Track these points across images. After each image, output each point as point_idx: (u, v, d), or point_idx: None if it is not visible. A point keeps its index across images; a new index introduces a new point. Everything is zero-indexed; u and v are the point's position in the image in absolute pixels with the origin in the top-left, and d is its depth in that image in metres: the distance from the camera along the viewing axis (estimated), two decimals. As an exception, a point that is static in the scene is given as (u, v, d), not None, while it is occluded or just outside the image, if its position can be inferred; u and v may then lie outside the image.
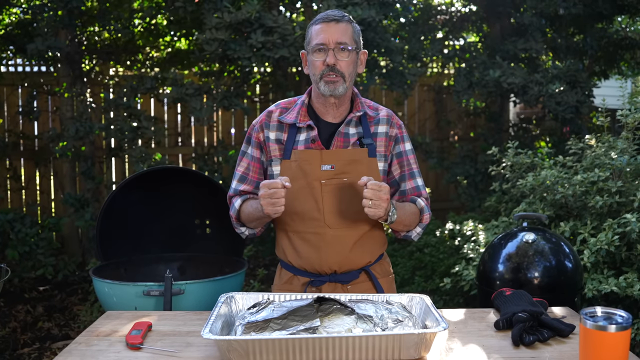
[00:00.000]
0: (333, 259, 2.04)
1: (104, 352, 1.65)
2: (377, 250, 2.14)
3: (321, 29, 2.00)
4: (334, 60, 1.98)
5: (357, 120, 2.08)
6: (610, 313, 1.45)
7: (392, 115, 2.15)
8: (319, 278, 2.07)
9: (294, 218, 2.05)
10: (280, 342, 1.49)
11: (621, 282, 2.78)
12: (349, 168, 2.02)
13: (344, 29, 2.00)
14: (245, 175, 2.14)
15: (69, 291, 5.11)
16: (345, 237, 2.03)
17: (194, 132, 6.33)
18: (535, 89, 4.88)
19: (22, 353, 3.94)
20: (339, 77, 1.99)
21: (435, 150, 5.72)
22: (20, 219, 5.17)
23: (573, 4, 5.24)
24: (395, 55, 4.95)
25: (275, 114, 2.11)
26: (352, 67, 2.03)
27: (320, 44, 1.99)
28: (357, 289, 2.07)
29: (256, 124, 2.13)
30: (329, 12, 2.03)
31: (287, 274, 2.14)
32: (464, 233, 3.92)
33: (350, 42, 2.00)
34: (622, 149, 3.27)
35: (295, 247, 2.07)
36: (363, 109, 2.08)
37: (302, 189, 2.02)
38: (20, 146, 5.95)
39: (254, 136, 2.12)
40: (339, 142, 2.05)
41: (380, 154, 2.09)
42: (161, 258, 2.99)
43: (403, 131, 2.16)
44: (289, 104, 2.13)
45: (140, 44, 5.90)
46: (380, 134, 2.10)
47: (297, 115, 2.07)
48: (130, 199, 2.92)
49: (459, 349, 1.66)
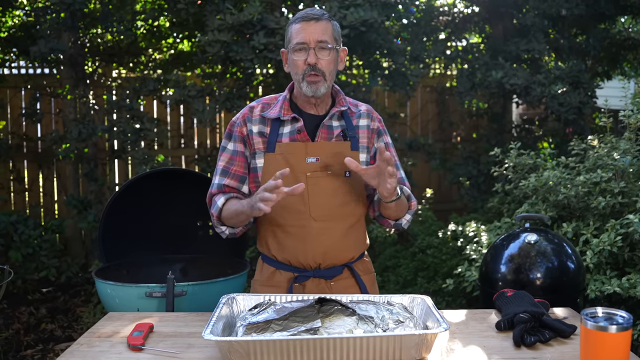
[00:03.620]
0: (318, 251, 2.03)
1: (106, 353, 1.65)
2: (360, 246, 2.16)
3: (301, 28, 2.00)
4: (315, 60, 1.98)
5: (339, 114, 2.11)
6: (611, 313, 1.45)
7: (371, 109, 2.20)
8: (303, 273, 2.06)
9: (278, 211, 2.02)
10: (282, 343, 1.49)
11: (624, 282, 2.77)
12: (333, 160, 2.04)
13: (324, 27, 2.00)
14: (227, 169, 2.10)
15: (72, 293, 5.12)
16: (330, 229, 2.04)
17: (197, 134, 6.34)
18: (537, 89, 4.88)
19: (26, 354, 3.95)
20: (320, 77, 2.00)
21: (437, 151, 5.71)
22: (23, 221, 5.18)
23: (575, 5, 5.24)
24: (397, 57, 4.95)
25: (257, 109, 2.11)
26: (333, 65, 2.04)
27: (300, 43, 1.99)
28: (340, 285, 2.08)
29: (237, 119, 2.11)
30: (308, 11, 2.03)
31: (269, 269, 2.12)
32: (467, 234, 3.92)
33: (330, 40, 2.01)
34: (625, 150, 3.26)
35: (280, 240, 2.07)
36: (346, 104, 2.12)
37: (286, 182, 1.97)
38: (23, 148, 5.96)
39: (236, 130, 2.10)
40: (323, 134, 2.06)
41: (363, 146, 2.12)
42: (163, 260, 2.99)
43: (383, 125, 2.21)
44: (271, 100, 2.15)
45: (143, 45, 5.92)
46: (362, 127, 2.13)
47: (280, 109, 2.07)
48: (133, 201, 2.92)
49: (460, 350, 1.65)
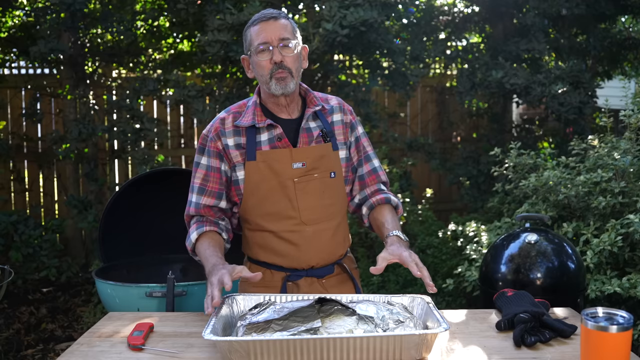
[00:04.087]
0: (311, 254, 2.04)
1: (106, 353, 1.65)
2: (347, 242, 2.18)
3: (261, 29, 1.97)
4: (281, 57, 1.95)
5: (313, 114, 2.09)
6: (611, 313, 1.45)
7: (342, 102, 2.18)
8: (295, 273, 2.06)
9: (267, 219, 2.02)
10: (282, 343, 1.49)
11: (624, 283, 2.77)
12: (318, 164, 2.03)
13: (283, 25, 1.98)
14: (203, 186, 2.06)
15: (72, 293, 5.12)
16: (321, 231, 2.04)
17: (197, 134, 6.34)
18: (538, 89, 4.87)
19: (26, 354, 3.95)
20: (287, 74, 1.97)
21: (437, 151, 5.71)
22: (23, 221, 5.19)
23: (576, 4, 5.23)
24: (397, 57, 4.94)
25: (228, 120, 2.05)
26: (298, 62, 2.01)
27: (263, 43, 1.96)
28: (332, 281, 2.10)
29: (209, 133, 2.05)
30: (264, 12, 2.01)
31: (258, 268, 2.08)
32: (467, 234, 3.91)
33: (292, 37, 1.98)
34: (625, 150, 3.26)
35: (272, 246, 2.05)
36: (319, 103, 2.08)
37: (273, 189, 1.99)
38: (23, 148, 5.97)
39: (211, 145, 2.05)
40: (304, 138, 2.04)
41: (341, 142, 2.12)
42: (164, 259, 2.99)
43: (354, 116, 2.20)
44: (240, 107, 2.09)
45: (143, 46, 5.91)
46: (336, 123, 2.12)
47: (253, 116, 2.03)
48: (133, 201, 2.92)
49: (460, 350, 1.65)
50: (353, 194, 2.20)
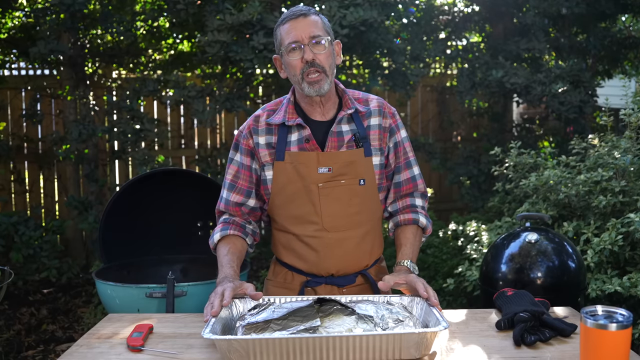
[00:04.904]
0: (332, 262, 2.00)
1: (105, 354, 1.65)
2: (375, 252, 2.10)
3: (291, 27, 1.91)
4: (312, 56, 1.89)
5: (348, 117, 2.01)
6: (611, 312, 1.44)
7: (383, 104, 2.07)
8: (315, 279, 2.04)
9: (291, 221, 2.00)
10: (281, 342, 1.49)
11: (625, 282, 2.76)
12: (346, 170, 1.96)
13: (313, 22, 1.92)
14: (233, 183, 2.06)
15: (73, 293, 5.12)
16: (344, 240, 1.99)
17: (197, 134, 6.34)
18: (538, 88, 4.87)
19: (27, 355, 3.95)
20: (321, 74, 1.91)
21: (438, 150, 5.70)
22: (24, 222, 5.19)
23: (576, 4, 5.23)
24: (397, 56, 4.94)
25: (262, 117, 2.03)
26: (331, 59, 1.94)
27: (293, 42, 1.90)
28: (353, 292, 2.03)
29: (244, 129, 2.04)
30: (293, 9, 1.96)
31: (281, 270, 2.10)
32: (467, 233, 3.91)
33: (323, 33, 1.92)
34: (626, 149, 3.26)
35: (294, 248, 2.03)
36: (353, 105, 2.00)
37: (298, 192, 1.96)
38: (24, 149, 5.97)
39: (243, 143, 2.04)
40: (334, 142, 1.97)
41: (375, 148, 2.01)
42: (164, 260, 3.00)
43: (397, 119, 2.09)
44: (276, 105, 2.07)
45: (143, 46, 5.92)
46: (373, 127, 2.02)
47: (285, 114, 1.98)
48: (133, 202, 2.92)
49: (460, 349, 1.65)
50: (388, 202, 2.11)
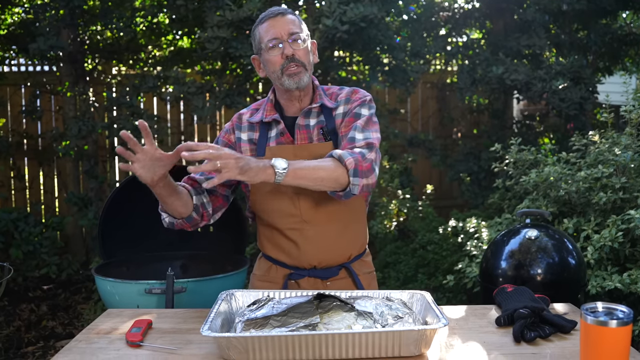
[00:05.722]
0: (313, 254, 2.03)
1: (104, 349, 1.64)
2: (358, 244, 2.12)
3: (270, 25, 1.96)
4: (292, 51, 1.94)
5: (318, 110, 2.04)
6: (611, 308, 1.44)
7: (352, 91, 2.06)
8: (298, 271, 2.06)
9: (272, 215, 2.04)
10: (280, 339, 1.49)
11: (625, 278, 2.76)
12: None
13: (291, 20, 1.98)
14: None
15: (72, 290, 5.13)
16: (325, 232, 2.02)
17: (197, 131, 6.33)
18: (538, 85, 4.86)
19: (27, 351, 3.95)
20: (301, 67, 1.95)
21: (438, 147, 5.70)
22: (24, 218, 5.19)
23: (576, 0, 5.22)
24: (397, 53, 4.93)
25: (245, 115, 2.10)
26: (309, 55, 2.00)
27: (273, 39, 1.94)
28: (336, 285, 2.06)
29: (227, 126, 2.12)
30: (270, 10, 2.00)
31: (266, 263, 2.13)
32: (467, 230, 3.91)
33: (300, 31, 1.97)
34: (626, 145, 3.25)
35: (277, 242, 2.07)
36: (321, 100, 2.02)
37: (277, 185, 1.89)
38: (23, 146, 5.97)
39: (223, 136, 2.11)
40: (303, 135, 2.01)
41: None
42: (163, 256, 2.99)
43: (360, 100, 2.01)
44: (259, 105, 2.12)
45: (143, 42, 5.90)
46: (337, 116, 2.03)
47: (264, 112, 2.05)
48: (133, 198, 2.91)
49: (460, 346, 1.65)
50: None
